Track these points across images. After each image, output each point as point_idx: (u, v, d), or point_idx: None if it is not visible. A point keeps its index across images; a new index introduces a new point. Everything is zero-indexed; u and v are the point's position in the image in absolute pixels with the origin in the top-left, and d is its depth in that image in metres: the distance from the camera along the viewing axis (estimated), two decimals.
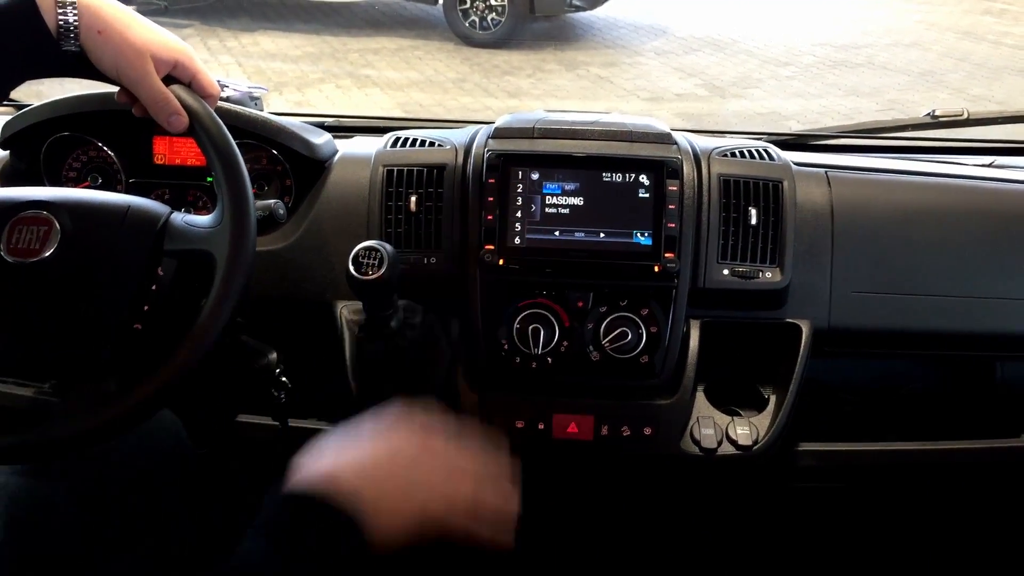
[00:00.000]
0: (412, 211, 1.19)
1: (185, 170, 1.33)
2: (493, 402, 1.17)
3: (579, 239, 1.16)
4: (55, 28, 0.92)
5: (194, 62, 1.01)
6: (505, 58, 6.86)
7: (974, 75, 6.63)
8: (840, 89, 6.30)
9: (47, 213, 0.97)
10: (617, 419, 1.15)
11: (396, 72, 6.49)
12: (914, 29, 7.96)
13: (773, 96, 6.14)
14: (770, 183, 1.18)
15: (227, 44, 7.06)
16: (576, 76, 6.55)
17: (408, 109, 5.66)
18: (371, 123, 1.57)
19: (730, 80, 6.50)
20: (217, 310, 0.91)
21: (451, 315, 1.19)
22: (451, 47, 7.09)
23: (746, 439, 1.14)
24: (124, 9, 0.97)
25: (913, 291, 1.20)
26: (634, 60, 7.07)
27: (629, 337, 1.14)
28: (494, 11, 7.06)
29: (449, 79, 6.38)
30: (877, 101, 6.06)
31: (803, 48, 7.28)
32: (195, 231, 0.98)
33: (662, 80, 6.52)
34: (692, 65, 6.87)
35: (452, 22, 7.22)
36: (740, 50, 7.27)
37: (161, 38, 0.98)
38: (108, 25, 0.94)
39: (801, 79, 6.56)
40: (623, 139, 1.20)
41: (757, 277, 1.16)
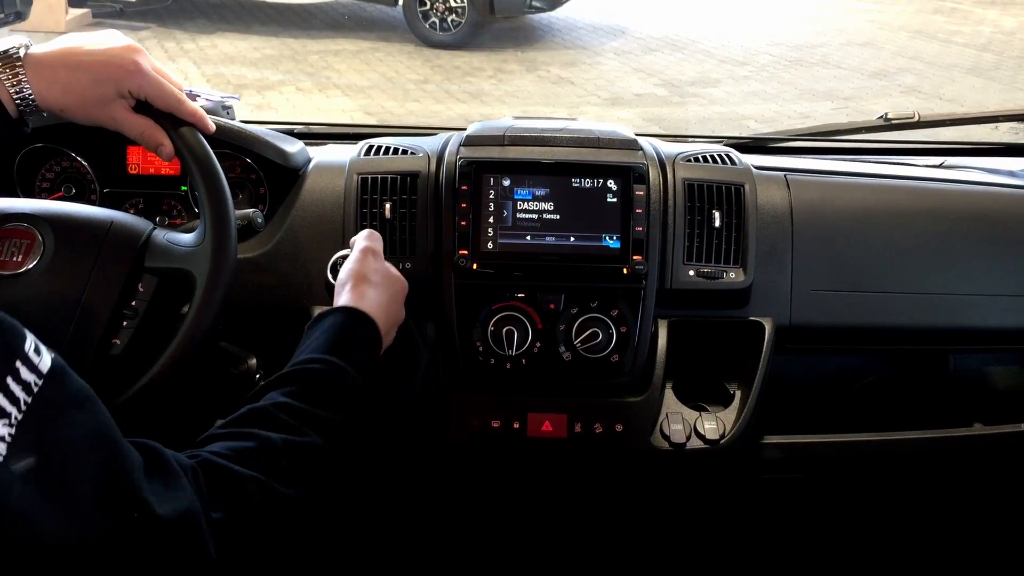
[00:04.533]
0: (387, 218, 1.21)
1: (159, 179, 1.35)
2: (469, 402, 1.20)
3: (550, 243, 1.20)
4: (15, 111, 0.92)
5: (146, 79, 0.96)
6: (466, 59, 6.87)
7: (925, 73, 6.79)
8: (796, 88, 6.41)
9: (30, 226, 0.98)
10: (590, 417, 1.19)
11: (357, 74, 6.47)
12: (866, 28, 8.11)
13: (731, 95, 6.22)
14: (732, 187, 1.22)
15: (185, 47, 6.98)
16: (537, 77, 6.58)
17: (370, 111, 5.66)
18: (341, 130, 1.59)
19: (688, 80, 6.58)
20: (194, 330, 0.94)
21: (427, 319, 1.22)
22: (411, 48, 7.08)
23: (713, 433, 1.19)
24: (69, 50, 0.94)
25: (869, 288, 1.25)
26: (594, 60, 7.12)
27: (600, 337, 1.18)
28: (454, 12, 7.07)
29: (411, 80, 6.38)
30: (832, 99, 6.17)
31: (759, 48, 7.39)
32: (177, 250, 1.00)
33: (622, 80, 6.58)
34: (651, 65, 6.94)
35: (412, 24, 7.22)
36: (698, 50, 7.36)
37: (114, 60, 0.94)
38: (62, 81, 0.92)
39: (758, 78, 6.66)
40: (591, 145, 1.24)
41: (721, 277, 1.20)
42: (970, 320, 1.29)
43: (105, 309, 0.97)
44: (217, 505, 0.74)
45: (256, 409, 0.84)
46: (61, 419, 0.66)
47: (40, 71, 0.92)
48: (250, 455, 0.79)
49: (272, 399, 0.85)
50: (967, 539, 1.50)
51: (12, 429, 0.63)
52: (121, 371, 0.97)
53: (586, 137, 1.25)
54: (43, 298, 0.95)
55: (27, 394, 0.64)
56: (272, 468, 0.79)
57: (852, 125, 1.63)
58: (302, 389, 0.86)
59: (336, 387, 0.89)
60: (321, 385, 0.88)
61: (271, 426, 0.82)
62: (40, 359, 0.66)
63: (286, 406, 0.84)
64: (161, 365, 0.94)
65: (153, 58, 0.98)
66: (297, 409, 0.84)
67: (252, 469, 0.77)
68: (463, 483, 1.33)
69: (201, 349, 0.95)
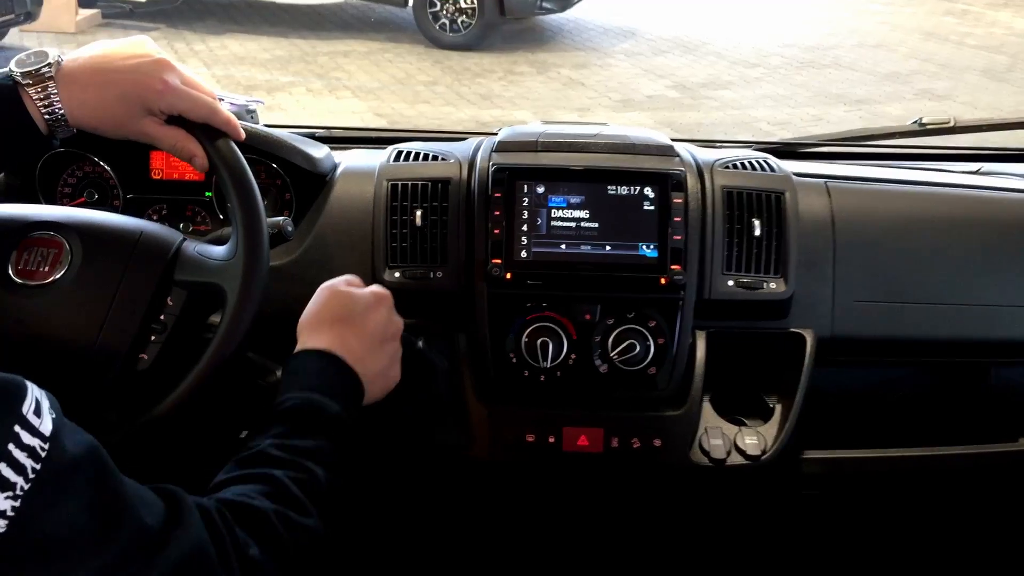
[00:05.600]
0: (417, 225, 1.18)
1: (183, 185, 1.32)
2: (502, 416, 1.17)
3: (585, 252, 1.17)
4: (45, 128, 0.90)
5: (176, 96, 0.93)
6: (476, 61, 6.86)
7: (939, 75, 6.75)
8: (808, 90, 6.38)
9: (58, 235, 0.95)
10: (627, 431, 1.16)
11: (367, 75, 6.46)
12: (878, 30, 8.08)
13: (743, 97, 6.19)
14: (772, 194, 1.19)
15: (194, 48, 6.98)
16: (548, 79, 6.56)
17: (381, 112, 5.64)
18: (364, 134, 1.57)
19: (700, 81, 6.55)
20: (224, 348, 0.91)
21: (458, 330, 1.19)
22: (421, 50, 7.07)
23: (754, 448, 1.16)
24: (98, 65, 0.91)
25: (911, 299, 1.22)
26: (604, 62, 7.10)
27: (637, 349, 1.15)
28: (464, 14, 7.05)
29: (421, 82, 6.37)
30: (845, 102, 6.14)
31: (771, 49, 7.36)
32: (208, 263, 0.97)
33: (633, 81, 6.56)
34: (662, 67, 6.92)
35: (422, 25, 7.20)
36: (709, 51, 7.34)
37: (142, 79, 0.91)
38: (91, 100, 0.90)
39: (770, 80, 6.63)
40: (626, 151, 1.21)
41: (761, 288, 1.17)
42: (1013, 332, 1.25)
43: (133, 323, 0.94)
44: (250, 541, 0.73)
45: (250, 454, 0.83)
46: (66, 490, 0.62)
47: (71, 89, 0.89)
48: (263, 492, 0.78)
49: (259, 443, 0.85)
50: (1011, 556, 1.47)
51: (18, 502, 0.59)
52: (148, 387, 0.95)
53: (621, 143, 1.22)
54: (69, 310, 0.93)
55: (34, 460, 0.60)
56: (287, 500, 0.79)
57: (886, 130, 1.60)
58: (284, 428, 0.86)
59: (314, 418, 0.88)
60: (299, 418, 0.87)
61: (270, 464, 0.82)
62: (41, 421, 0.63)
63: (275, 445, 0.84)
64: (189, 383, 0.91)
65: (182, 66, 0.95)
66: (286, 445, 0.84)
67: (270, 502, 0.77)
68: (495, 498, 1.30)
69: (230, 366, 0.92)
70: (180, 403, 0.91)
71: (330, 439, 0.87)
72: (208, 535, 0.70)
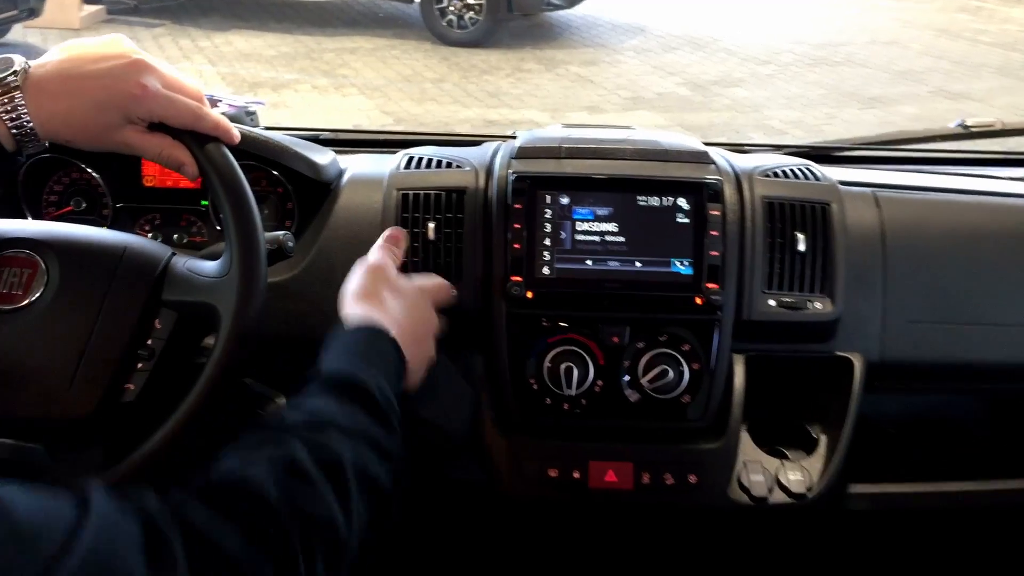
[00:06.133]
0: (430, 239, 1.09)
1: (177, 193, 1.23)
2: (522, 448, 1.07)
3: (613, 268, 1.07)
4: (11, 144, 0.80)
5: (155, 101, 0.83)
6: (483, 57, 6.77)
7: (953, 73, 6.64)
8: (821, 88, 6.28)
9: (32, 253, 0.86)
10: (659, 466, 1.06)
11: (374, 72, 6.38)
12: (891, 27, 7.98)
13: (754, 95, 6.09)
14: (817, 205, 1.09)
15: (199, 44, 6.91)
16: (556, 75, 6.47)
17: (388, 110, 5.55)
18: (371, 137, 1.47)
19: (711, 79, 6.45)
20: (217, 374, 0.81)
21: (475, 352, 1.10)
22: (428, 46, 6.99)
23: (799, 486, 1.06)
24: (68, 71, 0.81)
25: (970, 320, 1.12)
26: (614, 59, 7.01)
27: (670, 375, 1.05)
28: (471, 10, 6.97)
29: (428, 79, 6.28)
30: (858, 100, 6.04)
31: (782, 47, 7.27)
32: (198, 280, 0.87)
33: (642, 79, 6.47)
34: (672, 63, 6.83)
35: (429, 21, 7.13)
36: (719, 48, 7.25)
37: (117, 84, 0.81)
38: (63, 111, 0.80)
39: (781, 78, 6.54)
40: (658, 158, 1.11)
41: (806, 308, 1.07)
42: None
43: (117, 350, 0.84)
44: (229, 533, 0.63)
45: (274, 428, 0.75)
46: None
47: (39, 100, 0.79)
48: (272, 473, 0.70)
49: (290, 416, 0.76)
50: None
51: None
52: (135, 421, 0.85)
53: (652, 149, 1.12)
54: (46, 337, 0.83)
55: None
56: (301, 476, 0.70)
57: (927, 133, 1.49)
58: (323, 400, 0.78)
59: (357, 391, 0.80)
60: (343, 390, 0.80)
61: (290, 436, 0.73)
62: None
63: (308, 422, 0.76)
64: (180, 416, 0.81)
65: (163, 61, 0.85)
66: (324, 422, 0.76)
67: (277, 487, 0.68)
68: (515, 538, 1.20)
69: (226, 395, 0.82)
70: (171, 438, 0.81)
71: (375, 417, 0.79)
72: (135, 532, 0.58)
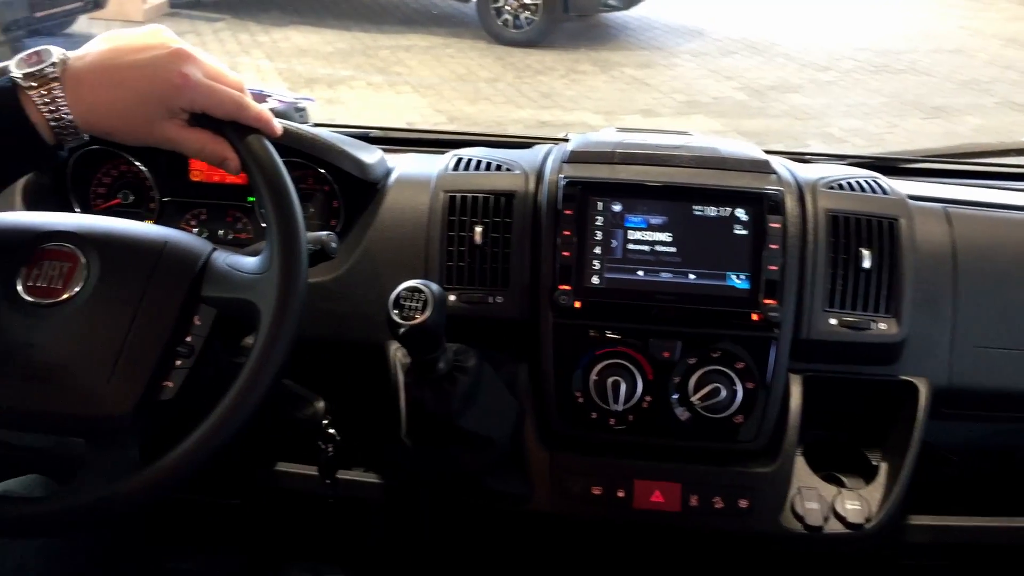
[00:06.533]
0: (477, 243, 1.06)
1: (224, 188, 1.21)
2: (566, 463, 1.04)
3: (666, 280, 1.02)
4: (51, 137, 0.79)
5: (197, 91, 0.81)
6: (538, 58, 6.74)
7: (1021, 84, 6.44)
8: (882, 96, 6.13)
9: (73, 247, 0.84)
10: (708, 488, 1.01)
11: (428, 70, 6.38)
12: (956, 35, 7.76)
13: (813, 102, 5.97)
14: (885, 220, 1.04)
15: (258, 39, 6.99)
16: (611, 77, 6.41)
17: (441, 108, 5.55)
18: (422, 136, 1.44)
19: (768, 84, 6.34)
20: (258, 373, 0.78)
21: (519, 363, 1.06)
22: (483, 45, 6.97)
23: (857, 515, 1.00)
24: (108, 62, 0.80)
25: None
26: (670, 62, 6.92)
27: (722, 394, 1.00)
28: (528, 9, 6.94)
29: (482, 79, 6.27)
30: (921, 109, 5.88)
31: (843, 53, 7.11)
32: (238, 277, 0.85)
33: (698, 83, 6.38)
34: (729, 68, 6.72)
35: (485, 20, 7.12)
36: (778, 53, 7.12)
37: (158, 74, 0.79)
38: (103, 103, 0.79)
39: (841, 85, 6.39)
40: (716, 166, 1.07)
41: (869, 328, 1.02)
42: None
43: (156, 346, 0.82)
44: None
45: None
46: None
47: (79, 92, 0.78)
48: None
49: None
50: None
51: None
52: (172, 419, 0.83)
53: (710, 156, 1.07)
54: (84, 333, 0.82)
55: None
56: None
57: (1001, 146, 1.42)
58: None
59: None
60: None
61: None
62: None
63: None
64: (218, 415, 0.79)
65: (207, 53, 0.83)
66: None
67: None
68: (552, 555, 1.17)
69: (266, 397, 0.80)
70: (209, 438, 0.78)
71: None
72: None
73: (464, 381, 0.95)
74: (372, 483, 1.12)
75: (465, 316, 1.04)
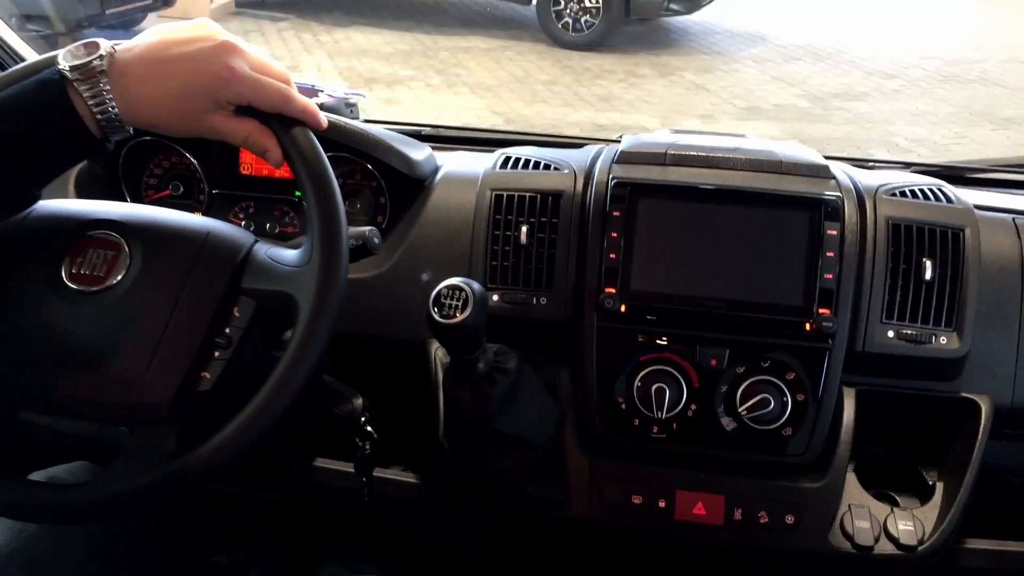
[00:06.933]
0: (522, 243, 1.04)
1: (273, 182, 1.21)
2: (606, 470, 1.01)
3: (715, 286, 0.99)
4: (97, 130, 0.79)
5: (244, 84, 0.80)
6: (597, 62, 6.70)
7: None
8: (950, 106, 5.96)
9: (117, 235, 0.85)
10: (753, 502, 0.98)
11: (487, 72, 6.39)
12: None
13: (878, 111, 5.83)
14: (949, 230, 0.99)
15: (320, 39, 7.07)
16: (670, 82, 6.34)
17: (497, 110, 5.55)
18: (473, 135, 1.43)
19: (832, 91, 6.20)
20: (295, 366, 0.77)
21: (561, 367, 1.04)
22: (542, 48, 6.96)
23: (910, 537, 0.96)
24: (154, 55, 0.79)
25: None
26: (731, 68, 6.82)
27: (771, 405, 0.97)
28: (588, 13, 6.91)
29: (540, 81, 6.25)
30: (991, 121, 5.70)
31: (911, 61, 6.93)
32: (278, 269, 0.84)
33: (760, 89, 6.27)
34: (792, 74, 6.60)
35: (545, 23, 7.10)
36: (843, 60, 6.97)
37: (204, 67, 0.79)
38: (148, 96, 0.78)
39: (908, 94, 6.23)
40: (772, 170, 1.03)
41: (929, 342, 0.97)
42: None
43: (195, 337, 0.82)
44: None
45: None
46: None
47: (126, 85, 0.77)
48: None
49: None
50: None
51: None
52: (208, 410, 0.83)
53: (766, 160, 1.04)
54: (125, 321, 0.81)
55: None
56: None
57: None
58: None
59: None
60: None
61: None
62: None
63: None
64: (254, 409, 0.78)
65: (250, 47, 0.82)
66: None
67: None
68: (591, 565, 1.14)
69: (302, 390, 0.79)
70: (244, 431, 0.78)
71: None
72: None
73: (503, 382, 0.93)
74: (408, 483, 1.11)
75: (508, 317, 1.02)
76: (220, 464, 0.78)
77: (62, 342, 0.81)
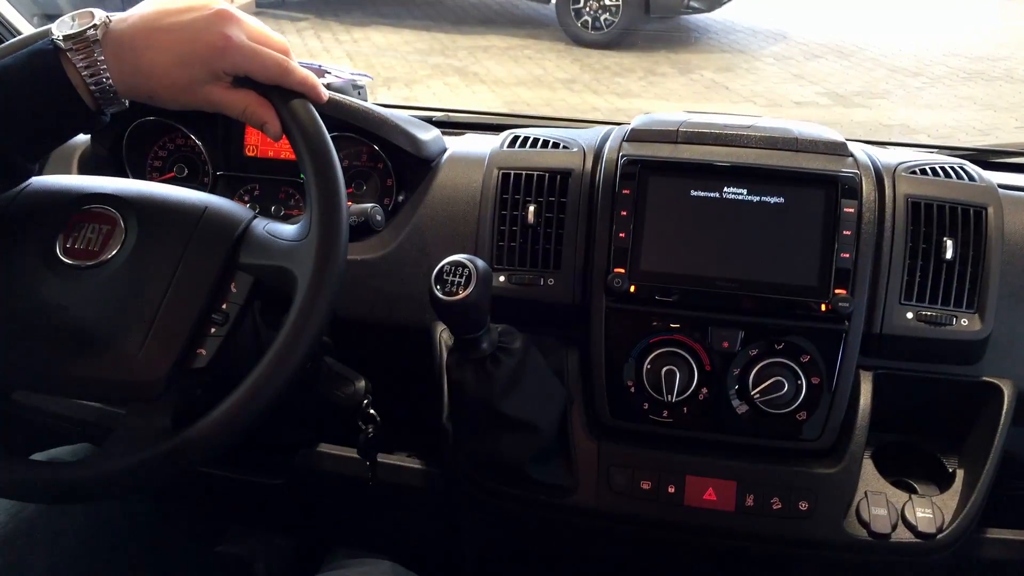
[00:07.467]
0: (529, 223, 1.01)
1: (278, 164, 1.19)
2: (614, 455, 0.98)
3: (728, 266, 0.96)
4: (92, 102, 0.77)
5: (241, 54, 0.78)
6: (616, 60, 6.66)
7: None
8: (975, 103, 5.88)
9: (112, 209, 0.83)
10: (766, 488, 0.95)
11: (505, 71, 6.37)
12: None
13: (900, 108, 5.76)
14: (971, 209, 0.96)
15: (339, 38, 7.09)
16: (689, 80, 6.29)
17: (515, 109, 5.53)
18: (484, 119, 1.40)
19: (854, 89, 6.14)
20: (292, 343, 0.75)
21: (569, 349, 1.01)
22: (561, 47, 6.93)
23: (928, 524, 0.92)
24: (149, 24, 0.77)
25: None
26: (751, 65, 6.77)
27: (785, 388, 0.94)
28: (608, 11, 6.87)
29: (558, 80, 6.22)
30: (1016, 118, 5.62)
31: (935, 58, 6.84)
32: (276, 244, 0.82)
33: (781, 87, 6.21)
34: (813, 72, 6.53)
35: (564, 21, 7.07)
36: (866, 58, 6.89)
37: (200, 36, 0.77)
38: (144, 66, 0.76)
39: (932, 91, 6.15)
40: (787, 148, 1.00)
41: (950, 324, 0.94)
42: None
43: (191, 312, 0.80)
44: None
45: None
46: None
47: (121, 55, 0.76)
48: None
49: None
50: None
51: None
52: (203, 388, 0.81)
53: (781, 137, 1.01)
54: (120, 296, 0.80)
55: None
56: None
57: None
58: None
59: None
60: None
61: None
62: None
63: None
64: (250, 386, 0.76)
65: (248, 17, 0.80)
66: None
67: None
68: (598, 553, 1.11)
69: (300, 367, 0.77)
70: (240, 408, 0.76)
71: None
72: None
73: (508, 364, 0.91)
74: (412, 468, 1.09)
75: (515, 298, 1.00)
76: (217, 442, 0.76)
77: (56, 318, 0.80)
